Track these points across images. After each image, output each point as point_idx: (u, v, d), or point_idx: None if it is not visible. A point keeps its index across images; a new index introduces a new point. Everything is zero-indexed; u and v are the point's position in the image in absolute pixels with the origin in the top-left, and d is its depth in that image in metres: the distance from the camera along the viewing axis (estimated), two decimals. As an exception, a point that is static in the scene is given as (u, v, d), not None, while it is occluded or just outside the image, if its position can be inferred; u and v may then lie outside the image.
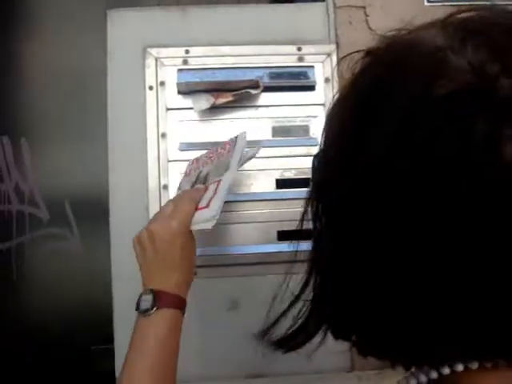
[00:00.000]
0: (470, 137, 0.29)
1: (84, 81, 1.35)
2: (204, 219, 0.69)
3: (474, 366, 0.34)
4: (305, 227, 0.43)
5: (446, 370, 0.34)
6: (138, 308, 0.65)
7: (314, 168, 0.42)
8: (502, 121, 0.29)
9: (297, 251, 0.46)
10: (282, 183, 0.92)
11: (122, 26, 0.96)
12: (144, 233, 0.69)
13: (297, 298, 0.42)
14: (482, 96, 0.30)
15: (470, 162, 0.29)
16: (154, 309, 0.64)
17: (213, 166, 0.80)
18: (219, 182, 0.74)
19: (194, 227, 0.69)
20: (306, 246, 0.42)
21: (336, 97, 0.40)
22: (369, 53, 0.38)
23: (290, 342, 0.42)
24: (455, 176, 0.30)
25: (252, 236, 0.92)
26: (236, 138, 0.81)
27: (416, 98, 0.32)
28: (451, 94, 0.31)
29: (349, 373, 0.92)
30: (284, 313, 0.43)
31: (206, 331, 0.91)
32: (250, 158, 0.83)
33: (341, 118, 0.38)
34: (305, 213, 0.42)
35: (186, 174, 0.86)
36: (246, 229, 0.92)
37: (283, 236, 0.91)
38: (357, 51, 0.40)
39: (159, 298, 0.65)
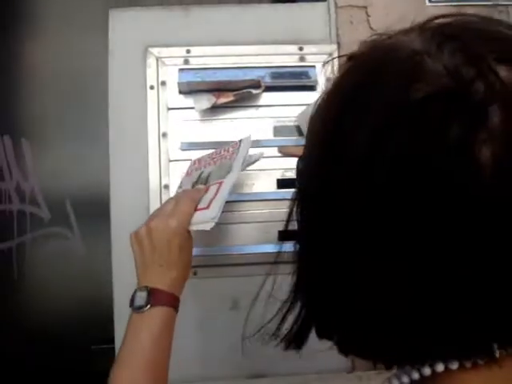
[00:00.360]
0: (445, 140, 0.30)
1: (85, 80, 1.35)
2: (203, 220, 0.69)
3: (455, 366, 0.34)
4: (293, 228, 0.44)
5: (427, 371, 0.35)
6: (132, 304, 0.65)
7: (298, 170, 0.43)
8: (477, 125, 0.29)
9: (279, 252, 0.46)
10: (282, 183, 0.92)
11: (124, 26, 0.96)
12: (143, 229, 0.69)
13: (293, 298, 0.42)
14: (457, 99, 0.30)
15: (445, 165, 0.30)
16: (148, 306, 0.64)
17: (215, 167, 0.80)
18: (221, 183, 0.73)
19: (193, 228, 0.69)
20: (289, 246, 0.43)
21: (319, 100, 0.40)
22: (351, 57, 0.39)
23: (288, 341, 0.42)
24: (431, 179, 0.30)
25: (252, 236, 0.91)
26: (240, 141, 0.81)
27: (393, 102, 0.32)
28: (427, 98, 0.31)
29: (349, 373, 0.92)
30: (276, 314, 0.43)
31: (206, 331, 0.91)
32: (252, 163, 0.83)
33: (323, 122, 0.38)
34: (291, 213, 0.42)
35: (188, 174, 0.86)
36: (247, 229, 0.92)
37: (284, 236, 0.91)
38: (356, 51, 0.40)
39: (154, 296, 0.65)
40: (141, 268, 0.69)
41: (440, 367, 0.34)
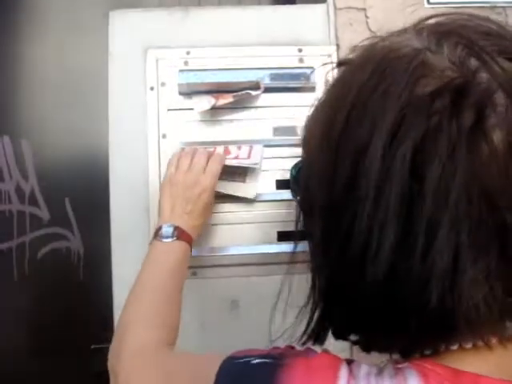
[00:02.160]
0: (460, 130, 0.31)
1: (85, 81, 1.35)
2: (249, 163, 0.85)
3: (455, 346, 0.36)
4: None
5: (428, 351, 0.37)
6: (156, 235, 0.74)
7: (295, 177, 0.44)
8: (486, 111, 0.31)
9: (294, 252, 0.47)
10: (282, 184, 0.93)
11: (124, 27, 0.96)
12: (179, 179, 0.79)
13: (310, 301, 0.42)
14: (463, 90, 0.32)
15: (463, 153, 0.31)
16: (174, 238, 0.74)
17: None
18: (251, 146, 0.89)
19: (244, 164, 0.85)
20: (303, 246, 0.43)
21: (312, 109, 0.41)
22: (342, 63, 0.39)
23: (309, 341, 0.43)
24: (452, 168, 0.31)
25: (251, 237, 0.92)
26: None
27: (402, 100, 0.33)
28: (436, 91, 0.32)
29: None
30: (297, 316, 0.44)
31: (205, 331, 0.91)
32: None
33: (327, 127, 0.39)
34: (299, 216, 0.43)
35: None
36: (246, 229, 0.92)
37: (283, 237, 0.91)
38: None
39: (178, 232, 0.75)
40: (168, 211, 0.78)
41: (442, 347, 0.36)
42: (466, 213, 0.31)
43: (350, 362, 0.39)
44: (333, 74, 0.43)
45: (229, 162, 0.85)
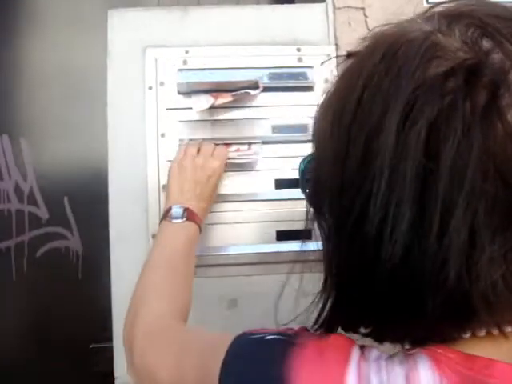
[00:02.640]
0: (473, 109, 0.31)
1: (84, 80, 1.35)
2: (249, 154, 0.89)
3: (467, 334, 0.36)
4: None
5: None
6: (166, 216, 0.76)
7: (304, 171, 0.43)
8: (500, 91, 0.31)
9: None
10: (280, 183, 0.93)
11: (122, 26, 0.96)
12: (187, 162, 0.82)
13: (322, 295, 0.42)
14: (478, 70, 0.32)
15: (477, 132, 0.31)
16: (184, 219, 0.76)
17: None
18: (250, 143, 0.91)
19: (238, 161, 0.88)
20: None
21: (321, 101, 0.41)
22: (350, 55, 0.39)
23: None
24: (467, 147, 0.31)
25: (251, 236, 0.92)
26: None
27: (414, 80, 0.33)
28: (449, 71, 0.32)
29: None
30: (307, 309, 0.44)
31: (204, 330, 0.91)
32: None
33: (335, 116, 0.38)
34: (308, 212, 0.43)
35: None
36: (245, 229, 0.92)
37: (282, 236, 0.91)
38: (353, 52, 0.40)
39: (188, 213, 0.76)
40: (177, 192, 0.80)
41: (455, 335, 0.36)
42: (482, 190, 0.31)
43: (362, 347, 0.39)
44: (332, 72, 0.43)
45: (232, 155, 0.89)
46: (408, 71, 0.33)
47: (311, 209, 0.43)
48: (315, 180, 0.42)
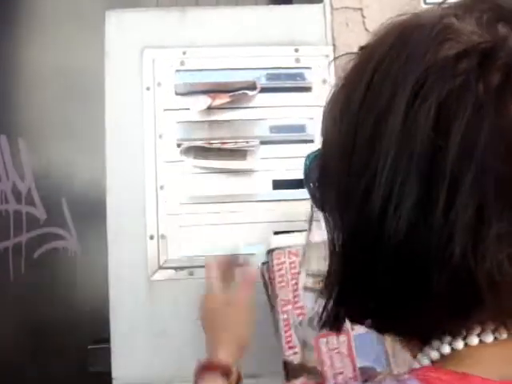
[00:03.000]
0: (486, 89, 0.31)
1: (82, 81, 1.35)
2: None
3: (475, 341, 0.35)
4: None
5: (460, 344, 0.35)
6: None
7: (310, 166, 0.43)
8: None
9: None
10: (278, 184, 0.93)
11: (120, 27, 0.96)
12: (220, 309, 0.74)
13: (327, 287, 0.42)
14: (492, 53, 0.32)
15: (489, 110, 0.31)
16: None
17: None
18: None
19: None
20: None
21: (331, 94, 0.40)
22: (363, 48, 0.39)
23: (327, 326, 0.42)
24: (478, 129, 0.31)
25: (249, 236, 0.92)
26: None
27: (424, 62, 0.33)
28: (461, 53, 0.32)
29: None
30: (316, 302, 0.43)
31: (203, 331, 0.91)
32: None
33: (343, 105, 0.38)
34: (312, 212, 0.43)
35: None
36: (243, 229, 0.92)
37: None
38: (351, 53, 0.40)
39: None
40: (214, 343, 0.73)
41: (475, 340, 0.35)
42: (491, 168, 0.31)
43: None
44: (330, 73, 0.43)
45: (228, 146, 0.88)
46: (419, 54, 0.33)
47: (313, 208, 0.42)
48: (321, 175, 0.41)
